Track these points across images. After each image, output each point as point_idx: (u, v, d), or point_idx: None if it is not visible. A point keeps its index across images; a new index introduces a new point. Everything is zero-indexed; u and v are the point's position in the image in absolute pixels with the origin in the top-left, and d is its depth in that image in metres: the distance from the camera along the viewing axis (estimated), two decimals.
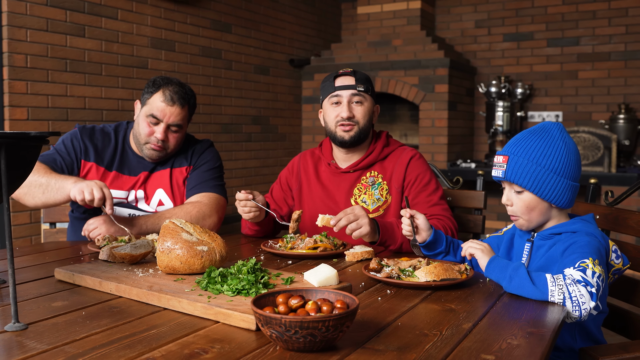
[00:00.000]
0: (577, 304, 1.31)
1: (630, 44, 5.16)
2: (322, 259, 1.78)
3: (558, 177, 1.51)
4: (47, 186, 1.95)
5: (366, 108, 2.10)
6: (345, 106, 2.08)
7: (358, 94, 2.08)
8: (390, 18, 5.66)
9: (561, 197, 1.52)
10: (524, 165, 1.52)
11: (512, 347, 1.06)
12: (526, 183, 1.52)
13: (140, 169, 2.18)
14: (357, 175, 2.14)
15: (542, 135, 1.54)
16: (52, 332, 1.12)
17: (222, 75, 4.76)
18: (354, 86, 2.08)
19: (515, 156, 1.54)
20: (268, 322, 1.00)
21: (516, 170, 1.53)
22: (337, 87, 2.10)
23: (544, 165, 1.51)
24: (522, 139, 1.56)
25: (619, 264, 1.55)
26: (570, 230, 1.52)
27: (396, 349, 1.04)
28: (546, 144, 1.52)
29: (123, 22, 3.92)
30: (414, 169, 2.08)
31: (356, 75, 2.10)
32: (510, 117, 5.21)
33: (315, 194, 2.18)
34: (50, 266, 1.66)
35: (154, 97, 2.10)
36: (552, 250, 1.52)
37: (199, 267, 1.46)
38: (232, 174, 4.83)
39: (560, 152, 1.51)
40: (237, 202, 2.00)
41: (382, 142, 2.16)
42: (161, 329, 1.15)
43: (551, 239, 1.55)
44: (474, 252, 1.51)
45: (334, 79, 2.12)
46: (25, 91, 3.36)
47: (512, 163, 1.54)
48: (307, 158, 2.26)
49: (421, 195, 2.04)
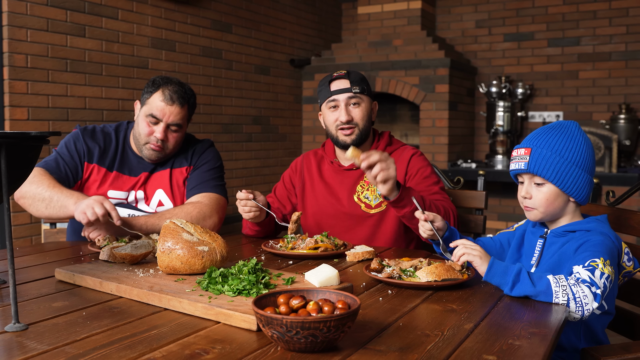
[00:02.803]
0: (581, 304, 1.31)
1: (631, 44, 5.15)
2: (323, 259, 1.78)
3: (580, 171, 1.52)
4: (50, 202, 1.96)
5: (364, 109, 2.11)
6: (343, 110, 2.09)
7: (354, 96, 2.09)
8: (390, 18, 5.66)
9: (581, 191, 1.53)
10: (548, 157, 1.52)
11: (514, 348, 1.06)
12: (549, 175, 1.52)
13: (140, 169, 2.18)
14: (359, 172, 2.15)
15: (562, 131, 1.55)
16: (53, 333, 1.12)
17: (222, 76, 4.76)
18: (350, 89, 2.09)
19: (538, 148, 1.54)
20: (269, 322, 1.00)
21: (540, 162, 1.53)
22: (333, 91, 2.11)
23: (567, 158, 1.52)
24: (542, 133, 1.57)
25: (630, 266, 1.55)
26: (584, 229, 1.53)
27: (398, 350, 1.04)
28: (567, 137, 1.54)
29: (123, 22, 3.91)
30: (415, 164, 2.11)
31: (350, 77, 2.11)
32: (510, 117, 5.21)
33: (318, 192, 2.19)
34: (50, 266, 1.66)
35: (154, 97, 2.10)
36: (565, 248, 1.52)
37: (200, 267, 1.46)
38: (233, 174, 4.83)
39: (581, 146, 1.53)
40: (238, 202, 2.00)
41: (384, 141, 2.19)
42: (162, 329, 1.14)
43: (565, 236, 1.55)
44: (472, 260, 1.46)
45: (329, 83, 2.12)
46: (26, 91, 3.36)
47: (535, 154, 1.54)
48: (311, 157, 2.28)
49: (422, 185, 2.06)
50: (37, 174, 2.03)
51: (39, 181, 2.00)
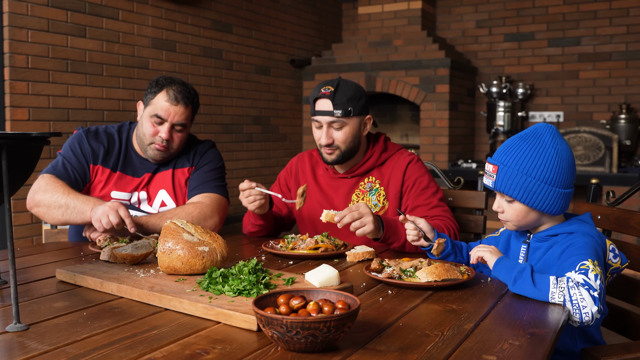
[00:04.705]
0: (578, 307, 1.30)
1: (632, 44, 5.15)
2: (323, 259, 1.78)
3: (549, 187, 1.47)
4: (67, 209, 1.96)
5: (347, 131, 2.03)
6: (324, 132, 2.03)
7: (336, 120, 2.00)
8: (391, 18, 5.66)
9: (553, 205, 1.49)
10: (514, 177, 1.48)
11: (513, 348, 1.06)
12: (516, 194, 1.49)
13: (143, 170, 2.18)
14: (355, 180, 2.13)
15: (533, 142, 1.50)
16: (54, 333, 1.12)
17: (223, 76, 4.76)
18: (331, 112, 1.99)
19: (504, 167, 1.50)
20: (269, 322, 1.00)
21: (506, 181, 1.50)
22: (317, 111, 2.03)
23: (534, 176, 1.47)
24: (512, 147, 1.52)
25: (617, 262, 1.54)
26: (566, 232, 1.51)
27: (397, 350, 1.04)
28: (536, 152, 1.48)
29: (124, 22, 3.92)
30: (412, 173, 2.07)
31: (335, 98, 1.99)
32: (511, 117, 5.21)
33: (313, 197, 2.17)
34: (51, 267, 1.67)
35: (158, 97, 2.10)
36: (550, 253, 1.51)
37: (200, 267, 1.46)
38: (233, 175, 4.83)
39: (551, 161, 1.47)
40: (241, 195, 1.99)
41: (380, 147, 2.13)
42: (162, 329, 1.15)
43: (548, 240, 1.54)
44: (483, 254, 1.50)
45: (315, 101, 2.04)
46: (27, 92, 3.37)
47: (501, 174, 1.51)
48: (305, 160, 2.25)
49: (420, 199, 2.03)
50: (49, 181, 2.02)
51: (53, 189, 1.99)
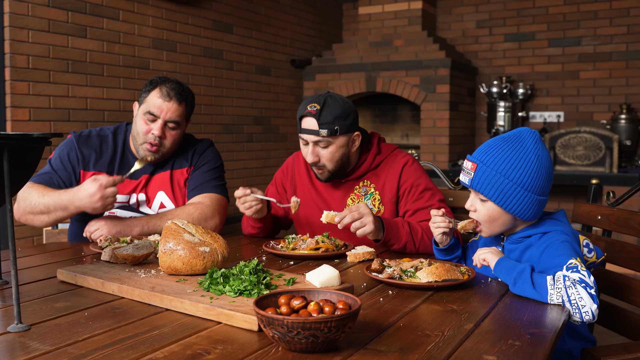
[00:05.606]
0: (577, 307, 1.29)
1: (632, 44, 5.15)
2: (324, 259, 1.78)
3: (525, 192, 1.47)
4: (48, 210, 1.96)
5: (332, 151, 1.99)
6: (310, 150, 2.00)
7: (322, 140, 1.96)
8: (391, 18, 5.66)
9: (526, 211, 1.49)
10: (492, 177, 1.48)
11: (513, 348, 1.06)
12: (491, 195, 1.49)
13: (140, 172, 2.17)
14: (350, 184, 2.12)
15: (515, 145, 1.49)
16: (55, 333, 1.12)
17: (223, 76, 4.76)
18: (317, 132, 1.95)
19: (483, 165, 1.50)
20: (270, 323, 1.00)
21: (483, 180, 1.50)
22: (303, 129, 1.99)
23: (512, 179, 1.46)
24: (493, 147, 1.51)
25: (592, 257, 1.54)
26: (540, 232, 1.50)
27: (398, 350, 1.04)
28: (518, 155, 1.47)
29: (124, 22, 3.92)
30: (408, 177, 2.04)
31: (321, 117, 1.93)
32: (511, 117, 5.21)
33: (309, 199, 2.16)
34: (52, 267, 1.67)
35: (151, 95, 2.10)
36: (528, 255, 1.50)
37: (201, 268, 1.46)
38: (234, 175, 4.84)
39: (531, 166, 1.47)
40: (237, 201, 1.99)
41: (374, 151, 2.10)
42: (163, 329, 1.15)
43: (522, 242, 1.54)
44: (484, 256, 1.49)
45: (301, 119, 2.00)
46: (27, 92, 3.37)
47: (479, 172, 1.50)
48: (301, 160, 2.23)
49: (420, 202, 2.02)
50: (25, 189, 2.00)
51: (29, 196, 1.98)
